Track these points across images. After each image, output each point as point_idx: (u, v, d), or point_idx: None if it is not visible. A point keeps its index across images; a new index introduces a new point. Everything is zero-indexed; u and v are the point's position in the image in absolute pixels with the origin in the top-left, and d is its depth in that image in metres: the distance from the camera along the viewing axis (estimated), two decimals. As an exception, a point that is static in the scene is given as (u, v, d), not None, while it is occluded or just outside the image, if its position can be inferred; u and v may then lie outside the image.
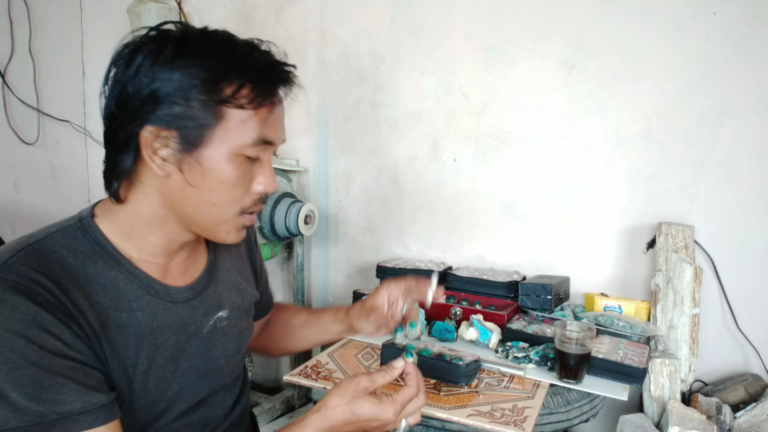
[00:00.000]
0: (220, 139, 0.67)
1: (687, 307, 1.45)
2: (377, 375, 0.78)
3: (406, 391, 0.78)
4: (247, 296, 0.93)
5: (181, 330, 0.77)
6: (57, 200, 2.73)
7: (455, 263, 1.90)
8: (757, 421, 1.31)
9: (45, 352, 0.60)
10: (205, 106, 0.66)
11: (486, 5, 1.77)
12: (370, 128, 2.01)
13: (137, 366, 0.71)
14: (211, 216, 0.72)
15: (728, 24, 1.47)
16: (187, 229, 0.75)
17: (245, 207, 0.73)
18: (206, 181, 0.69)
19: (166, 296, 0.75)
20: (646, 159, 1.61)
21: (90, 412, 0.63)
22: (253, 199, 0.74)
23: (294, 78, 0.73)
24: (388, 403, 0.76)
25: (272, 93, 0.70)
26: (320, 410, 0.75)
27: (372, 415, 0.75)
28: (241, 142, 0.68)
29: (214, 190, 0.69)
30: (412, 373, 0.80)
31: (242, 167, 0.70)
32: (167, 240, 0.75)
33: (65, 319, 0.63)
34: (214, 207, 0.71)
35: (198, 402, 0.81)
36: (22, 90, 2.67)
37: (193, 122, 0.66)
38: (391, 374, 0.79)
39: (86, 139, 2.60)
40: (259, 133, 0.69)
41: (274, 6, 2.12)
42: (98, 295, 0.68)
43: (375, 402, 0.75)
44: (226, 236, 0.75)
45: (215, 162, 0.68)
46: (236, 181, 0.70)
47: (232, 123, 0.67)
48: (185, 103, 0.65)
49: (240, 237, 0.76)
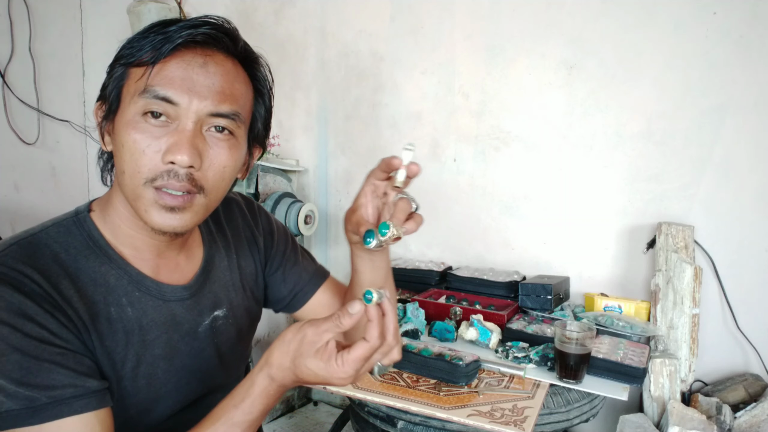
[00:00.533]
0: (125, 100, 0.67)
1: (687, 307, 1.45)
2: (325, 324, 0.63)
3: (360, 347, 0.62)
4: (249, 293, 0.90)
5: (173, 329, 0.76)
6: (57, 200, 2.73)
7: (455, 263, 1.90)
8: (757, 421, 1.31)
9: (30, 339, 0.60)
10: (116, 71, 0.67)
11: (486, 5, 1.77)
12: (370, 128, 2.01)
13: (126, 362, 0.70)
14: (126, 188, 0.67)
15: (728, 24, 1.47)
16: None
17: (149, 178, 0.65)
18: (117, 148, 0.67)
19: (158, 294, 0.75)
20: (646, 159, 1.61)
21: (82, 397, 0.62)
22: (159, 170, 0.65)
23: (207, 32, 0.67)
24: (338, 367, 0.62)
25: (166, 47, 0.65)
26: (263, 368, 0.66)
27: (318, 378, 0.64)
28: (134, 99, 0.65)
29: (121, 155, 0.66)
30: (374, 321, 0.62)
31: (144, 130, 0.65)
32: (138, 230, 0.72)
33: (52, 309, 0.63)
34: (123, 176, 0.67)
35: (193, 401, 0.80)
36: (22, 90, 2.67)
37: (112, 88, 0.68)
38: (342, 324, 0.62)
39: (86, 139, 2.60)
40: (146, 85, 0.64)
41: (274, 6, 2.12)
42: (88, 290, 0.68)
43: (320, 365, 0.62)
44: (147, 216, 0.67)
45: (120, 125, 0.66)
46: (134, 144, 0.65)
47: (132, 81, 0.66)
48: (112, 72, 0.68)
49: (168, 222, 0.67)
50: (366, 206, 0.77)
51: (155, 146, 0.65)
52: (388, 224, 0.69)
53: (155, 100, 0.64)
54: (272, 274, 0.95)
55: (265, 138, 0.80)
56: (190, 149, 0.65)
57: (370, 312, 0.63)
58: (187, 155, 0.64)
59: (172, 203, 0.66)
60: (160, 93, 0.64)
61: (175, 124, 0.66)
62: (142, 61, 0.65)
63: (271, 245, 0.95)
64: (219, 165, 0.69)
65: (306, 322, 0.65)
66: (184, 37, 0.65)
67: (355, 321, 0.62)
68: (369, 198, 0.77)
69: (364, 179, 0.77)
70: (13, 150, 2.76)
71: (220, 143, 0.69)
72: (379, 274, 0.85)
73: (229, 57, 0.70)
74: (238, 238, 0.90)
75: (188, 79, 0.65)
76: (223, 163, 0.69)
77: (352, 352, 0.62)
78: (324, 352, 0.63)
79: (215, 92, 0.66)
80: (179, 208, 0.67)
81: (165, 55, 0.65)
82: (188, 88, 0.65)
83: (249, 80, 0.73)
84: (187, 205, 0.68)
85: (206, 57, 0.67)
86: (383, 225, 0.70)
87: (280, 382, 0.66)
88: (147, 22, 0.71)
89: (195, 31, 0.66)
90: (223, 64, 0.68)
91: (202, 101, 0.66)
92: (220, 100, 0.67)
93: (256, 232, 0.93)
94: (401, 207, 0.73)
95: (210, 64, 0.67)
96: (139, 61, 0.65)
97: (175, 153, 0.64)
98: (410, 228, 0.72)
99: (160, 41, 0.65)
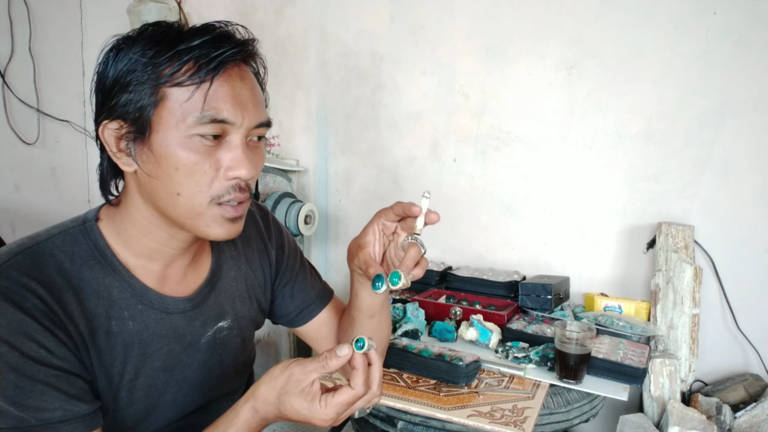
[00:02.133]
0: (167, 123, 0.64)
1: (687, 307, 1.45)
2: (312, 365, 0.65)
3: (344, 393, 0.65)
4: (255, 305, 0.90)
5: (175, 340, 0.76)
6: (57, 200, 2.73)
7: (455, 263, 1.90)
8: (757, 421, 1.31)
9: (27, 359, 0.60)
10: (146, 90, 0.64)
11: (486, 5, 1.77)
12: (370, 128, 2.01)
13: (124, 375, 0.71)
14: (182, 208, 0.67)
15: (728, 24, 1.47)
16: (178, 228, 0.71)
17: (216, 195, 0.67)
18: (163, 170, 0.65)
19: (161, 307, 0.75)
20: (646, 159, 1.61)
21: (70, 421, 0.63)
22: (225, 186, 0.67)
23: (248, 49, 0.68)
24: (321, 408, 0.64)
25: (213, 67, 0.64)
26: (249, 400, 0.68)
27: (300, 417, 0.65)
28: (187, 122, 0.64)
29: (174, 178, 0.65)
30: (359, 369, 0.65)
31: (199, 151, 0.65)
32: (161, 242, 0.73)
33: (52, 326, 0.63)
34: (180, 198, 0.66)
35: (193, 410, 0.80)
36: (22, 90, 2.67)
37: (137, 108, 0.64)
38: (328, 365, 0.65)
39: (86, 139, 2.60)
40: (203, 109, 0.63)
41: (274, 6, 2.12)
42: (91, 302, 0.68)
43: (303, 404, 0.64)
44: (208, 230, 0.68)
45: (166, 147, 0.64)
46: (193, 166, 0.65)
47: (175, 103, 0.64)
48: (128, 90, 0.64)
49: (229, 231, 0.69)
50: (374, 245, 0.78)
51: (214, 164, 0.66)
52: (400, 274, 0.71)
53: (214, 124, 0.65)
54: (281, 289, 0.95)
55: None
56: (250, 164, 0.68)
57: (356, 360, 0.65)
58: (251, 170, 0.68)
59: (235, 214, 0.70)
60: (218, 117, 0.65)
61: (227, 140, 0.67)
62: (183, 82, 0.63)
63: (282, 259, 0.95)
64: (260, 170, 0.72)
65: (294, 360, 0.67)
66: (230, 57, 0.66)
67: (341, 364, 0.65)
68: (377, 236, 0.78)
69: (374, 216, 0.78)
70: (13, 150, 2.76)
71: (258, 150, 0.72)
72: (378, 299, 0.86)
73: (246, 63, 0.71)
74: (250, 248, 0.90)
75: (236, 97, 0.66)
76: (261, 167, 0.73)
77: (336, 396, 0.64)
78: (309, 392, 0.65)
79: (255, 104, 0.69)
80: (240, 217, 0.71)
81: (216, 76, 0.65)
82: (240, 106, 0.66)
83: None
84: (244, 212, 0.72)
85: (240, 70, 0.68)
86: (394, 274, 0.71)
87: (263, 416, 0.68)
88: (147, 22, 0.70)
89: (243, 49, 0.67)
90: (249, 75, 0.70)
91: (251, 117, 0.68)
92: (260, 111, 0.69)
93: (269, 244, 0.93)
94: (411, 254, 0.72)
95: (245, 77, 0.69)
96: (179, 82, 0.63)
97: (239, 168, 0.67)
98: (417, 274, 0.73)
99: (208, 61, 0.64)
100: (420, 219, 0.73)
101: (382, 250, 0.79)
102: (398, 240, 0.77)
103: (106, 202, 0.74)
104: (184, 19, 2.20)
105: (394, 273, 0.71)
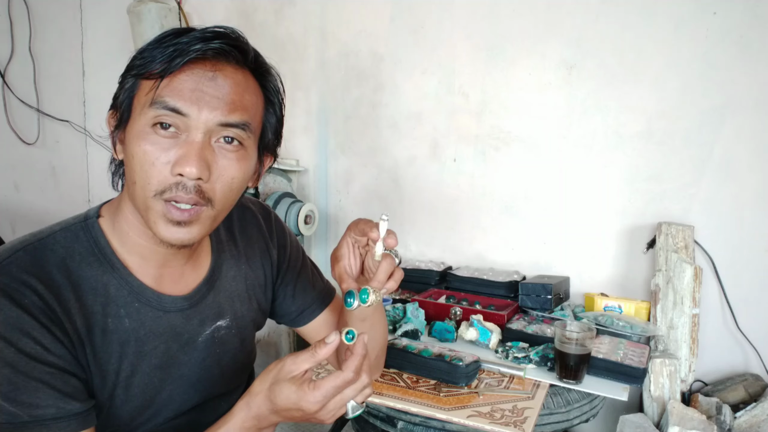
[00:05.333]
0: (135, 112, 0.67)
1: (687, 307, 1.45)
2: (303, 355, 0.67)
3: (334, 377, 0.65)
4: (255, 305, 0.90)
5: (172, 339, 0.76)
6: (57, 200, 2.73)
7: (455, 263, 1.90)
8: (757, 421, 1.31)
9: (23, 356, 0.61)
10: (129, 81, 0.68)
11: (486, 5, 1.77)
12: (370, 128, 2.01)
13: (120, 373, 0.71)
14: (137, 198, 0.67)
15: (728, 24, 1.47)
16: None
17: (158, 190, 0.65)
18: (128, 157, 0.67)
19: (158, 305, 0.75)
20: (646, 159, 1.61)
21: (63, 419, 0.63)
22: (169, 182, 0.65)
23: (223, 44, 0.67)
24: (309, 390, 0.64)
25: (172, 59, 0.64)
26: (245, 397, 0.69)
27: (289, 403, 0.65)
28: (145, 109, 0.65)
29: (131, 166, 0.66)
30: (356, 355, 0.67)
31: (154, 142, 0.65)
32: (148, 240, 0.72)
33: (49, 323, 0.63)
34: (135, 186, 0.66)
35: (190, 408, 0.80)
36: (22, 90, 2.67)
37: (123, 99, 0.68)
38: (317, 355, 0.66)
39: (86, 139, 2.60)
40: (157, 95, 0.64)
41: (274, 6, 2.12)
42: (88, 299, 0.68)
43: (292, 388, 0.65)
44: (156, 228, 0.67)
45: (131, 135, 0.66)
46: (144, 155, 0.64)
47: (142, 92, 0.66)
48: (119, 82, 0.69)
49: (175, 235, 0.67)
50: (348, 257, 0.78)
51: (164, 158, 0.65)
52: (368, 291, 0.71)
53: (165, 111, 0.64)
54: (282, 289, 0.95)
55: (276, 146, 0.80)
56: (198, 161, 0.64)
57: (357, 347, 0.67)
58: (195, 167, 0.64)
59: (179, 218, 0.66)
60: (169, 104, 0.64)
61: (184, 136, 0.65)
62: (153, 72, 0.65)
63: (284, 259, 0.94)
64: (227, 177, 0.69)
65: (290, 355, 0.68)
66: (194, 53, 0.65)
67: (331, 351, 0.66)
68: (351, 249, 0.78)
69: (347, 228, 0.78)
70: (13, 150, 2.76)
71: (229, 155, 0.69)
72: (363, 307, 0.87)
73: (240, 68, 0.69)
74: (251, 248, 0.90)
75: (197, 91, 0.65)
76: (232, 175, 0.69)
77: (326, 380, 0.65)
78: (299, 379, 0.66)
79: (225, 103, 0.66)
80: (186, 222, 0.67)
81: (176, 68, 0.64)
82: (197, 99, 0.65)
83: (260, 91, 0.73)
84: (194, 219, 0.67)
85: (216, 71, 0.66)
86: (363, 291, 0.71)
87: (256, 412, 0.68)
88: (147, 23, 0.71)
89: (206, 45, 0.65)
90: (233, 76, 0.68)
91: (212, 112, 0.65)
92: (229, 110, 0.67)
93: (271, 243, 0.93)
94: (384, 267, 0.72)
95: (219, 77, 0.67)
96: (149, 73, 0.65)
97: (183, 165, 0.64)
98: (391, 287, 0.73)
99: (171, 54, 0.64)
100: (379, 244, 0.72)
101: (359, 261, 0.79)
102: (373, 250, 0.76)
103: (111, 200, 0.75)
104: (183, 19, 2.20)
105: (363, 290, 0.71)
